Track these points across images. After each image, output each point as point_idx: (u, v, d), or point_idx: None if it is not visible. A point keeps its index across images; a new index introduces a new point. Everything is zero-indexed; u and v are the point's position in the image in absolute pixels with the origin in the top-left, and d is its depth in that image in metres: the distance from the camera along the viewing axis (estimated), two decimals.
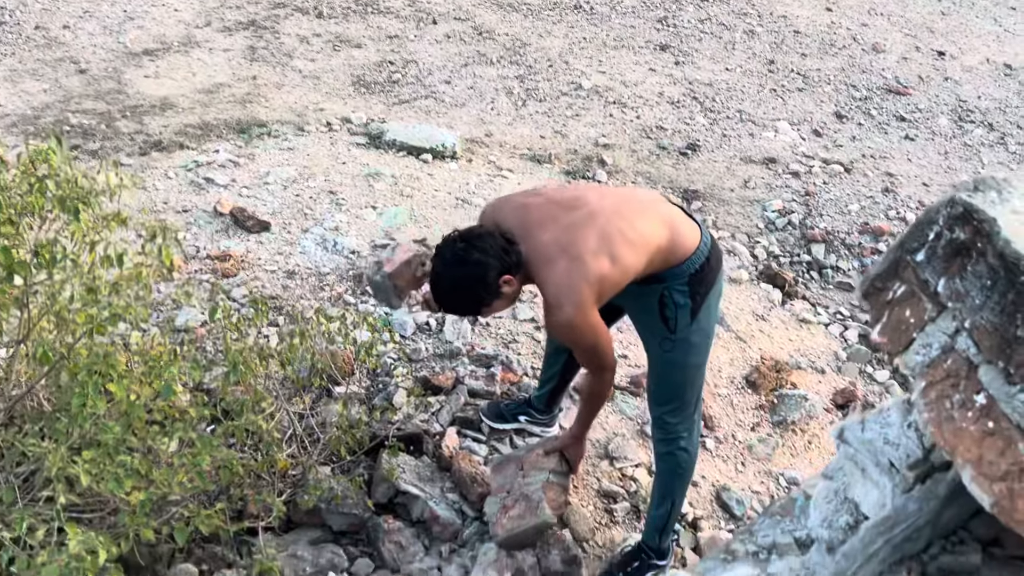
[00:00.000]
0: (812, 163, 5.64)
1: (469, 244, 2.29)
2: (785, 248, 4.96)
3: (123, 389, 2.24)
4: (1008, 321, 1.07)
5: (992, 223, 1.08)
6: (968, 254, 1.11)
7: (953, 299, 1.13)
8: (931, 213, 1.16)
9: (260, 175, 4.73)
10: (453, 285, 2.33)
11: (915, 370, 1.20)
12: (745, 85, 6.44)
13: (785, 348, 4.17)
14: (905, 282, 1.20)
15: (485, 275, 2.27)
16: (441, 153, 5.30)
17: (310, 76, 5.97)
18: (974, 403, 1.12)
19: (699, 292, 2.44)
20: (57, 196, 2.44)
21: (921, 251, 1.17)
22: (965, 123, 6.26)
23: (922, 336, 1.18)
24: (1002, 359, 1.08)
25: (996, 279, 1.08)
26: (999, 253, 1.07)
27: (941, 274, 1.14)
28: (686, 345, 2.49)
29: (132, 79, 5.64)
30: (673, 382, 2.58)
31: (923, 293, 1.17)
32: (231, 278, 3.91)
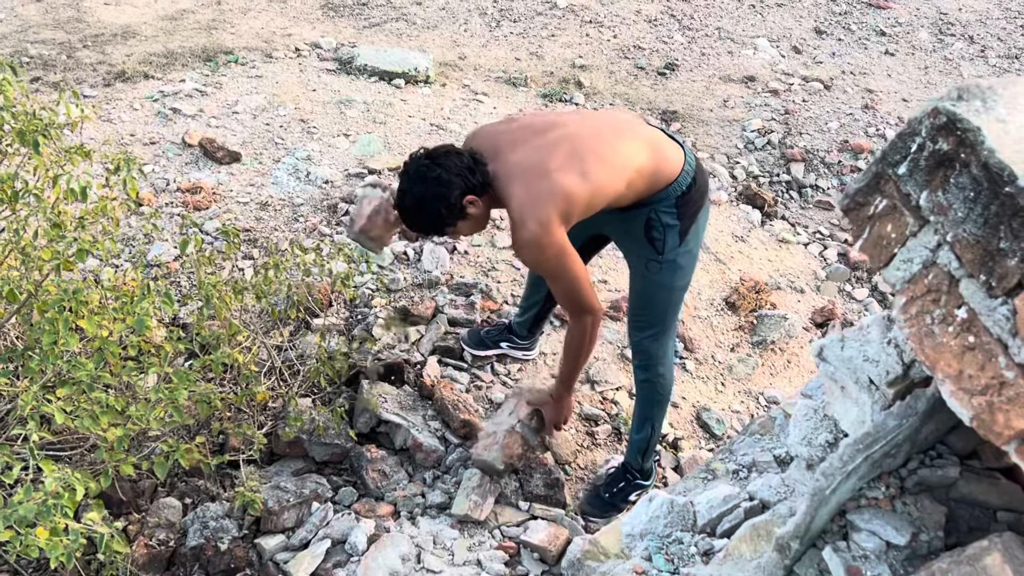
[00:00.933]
0: (791, 81, 5.56)
1: (433, 161, 2.26)
2: (765, 168, 4.92)
3: (95, 325, 2.20)
4: (991, 233, 1.04)
5: (976, 132, 1.05)
6: (951, 165, 1.08)
7: (935, 212, 1.11)
8: (913, 124, 1.12)
9: (228, 104, 4.61)
10: (416, 203, 2.29)
11: (896, 286, 1.18)
12: (723, 2, 6.30)
13: (764, 269, 4.17)
14: (887, 196, 1.17)
15: (448, 193, 2.24)
16: (414, 77, 5.17)
17: (277, 0, 5.77)
18: (955, 317, 1.10)
19: (687, 213, 2.41)
20: (15, 129, 2.36)
21: (903, 164, 1.14)
22: (945, 36, 6.17)
23: (903, 251, 1.16)
24: (984, 272, 1.06)
25: (980, 190, 1.05)
26: (983, 163, 1.04)
27: (923, 187, 1.12)
28: (672, 267, 2.47)
29: (91, 6, 5.43)
30: (657, 305, 2.55)
31: (905, 207, 1.15)
32: (203, 211, 3.84)
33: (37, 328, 2.20)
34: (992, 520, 1.32)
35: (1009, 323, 1.04)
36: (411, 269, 3.69)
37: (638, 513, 1.81)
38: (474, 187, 2.28)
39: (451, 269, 3.72)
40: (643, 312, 2.60)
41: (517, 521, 2.70)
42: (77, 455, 2.39)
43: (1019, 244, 1.01)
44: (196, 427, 2.68)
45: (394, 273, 3.63)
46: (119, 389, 2.43)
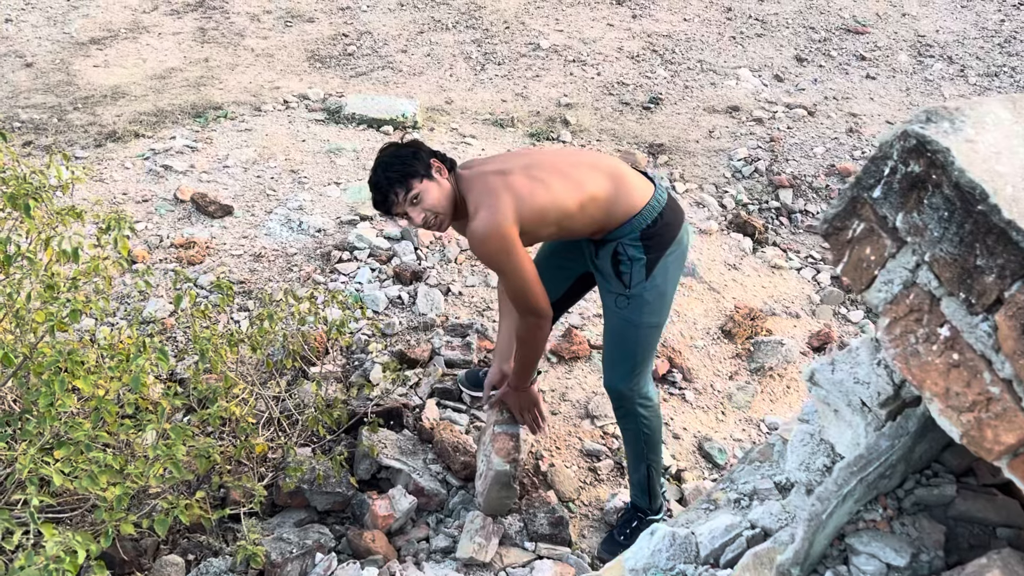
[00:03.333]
0: (775, 109, 5.63)
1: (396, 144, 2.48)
2: (753, 196, 4.96)
3: (91, 385, 2.20)
4: (967, 251, 1.06)
5: (946, 153, 1.07)
6: (924, 187, 1.10)
7: (912, 233, 1.12)
8: (885, 148, 1.14)
9: (219, 159, 4.65)
10: (385, 166, 2.40)
11: (878, 307, 1.19)
12: (704, 35, 6.40)
13: (758, 295, 4.19)
14: (864, 220, 1.19)
15: (417, 151, 2.41)
16: (402, 124, 5.23)
17: (263, 54, 5.85)
18: (938, 336, 1.11)
19: (653, 247, 2.43)
20: (6, 194, 2.38)
21: (877, 187, 1.16)
22: (925, 58, 6.26)
23: (883, 273, 1.17)
24: (963, 290, 1.07)
25: (953, 210, 1.07)
26: (955, 183, 1.06)
27: (898, 209, 1.13)
28: (640, 302, 2.48)
29: (81, 69, 5.51)
30: (627, 342, 2.56)
31: (882, 230, 1.16)
32: (197, 265, 3.86)
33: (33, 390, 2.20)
34: (992, 536, 1.32)
35: (991, 339, 1.05)
36: (406, 312, 3.70)
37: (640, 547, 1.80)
38: (441, 158, 2.44)
39: (446, 311, 3.74)
40: (614, 349, 2.60)
41: (523, 561, 2.68)
42: (77, 516, 2.38)
43: (995, 261, 1.03)
44: (196, 482, 2.67)
45: (389, 317, 3.64)
46: (117, 447, 2.42)
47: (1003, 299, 1.03)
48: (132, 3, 6.22)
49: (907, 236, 1.13)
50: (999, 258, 1.02)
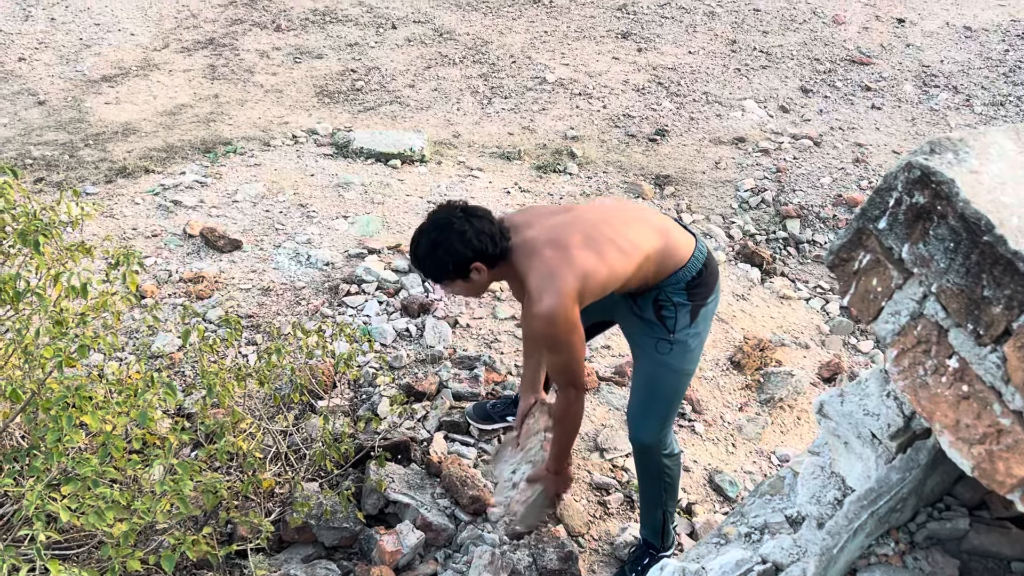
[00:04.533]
0: (781, 139, 5.65)
1: (466, 216, 2.32)
2: (760, 226, 4.96)
3: (98, 420, 2.20)
4: (974, 282, 1.05)
5: (951, 184, 1.07)
6: (929, 218, 1.10)
7: (918, 264, 1.12)
8: (889, 180, 1.14)
9: (228, 194, 4.68)
10: (431, 247, 2.32)
11: (886, 338, 1.19)
12: (709, 67, 6.45)
13: (767, 326, 4.17)
14: (869, 251, 1.19)
15: (463, 252, 2.29)
16: (410, 157, 5.27)
17: (272, 90, 5.91)
18: (947, 367, 1.11)
19: (697, 296, 2.43)
20: (17, 231, 2.40)
21: (883, 219, 1.16)
22: (930, 88, 6.29)
23: (890, 304, 1.17)
24: (971, 321, 1.06)
25: (959, 241, 1.06)
26: (960, 214, 1.06)
27: (904, 240, 1.13)
28: (683, 348, 2.46)
29: (93, 107, 5.57)
30: (663, 389, 2.52)
31: (888, 261, 1.16)
32: (205, 300, 3.87)
33: (41, 426, 2.20)
34: (1007, 571, 1.30)
35: (1000, 370, 1.04)
36: (414, 345, 3.70)
37: None
38: (488, 257, 2.32)
39: (454, 343, 3.73)
40: (647, 399, 2.56)
41: None
42: (84, 552, 2.36)
43: (1002, 291, 1.02)
44: (203, 518, 2.66)
45: (397, 350, 3.64)
46: (124, 483, 2.42)
47: (1011, 330, 1.02)
48: (144, 41, 6.31)
49: (913, 267, 1.13)
50: (1006, 288, 1.02)
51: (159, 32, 6.44)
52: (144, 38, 6.36)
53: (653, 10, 7.13)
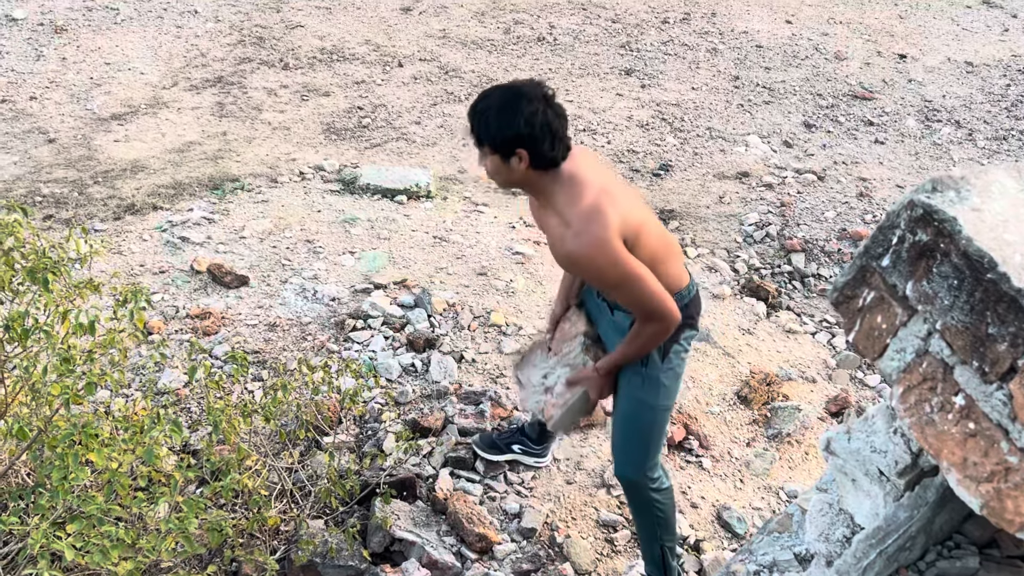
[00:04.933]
0: (785, 174, 5.68)
1: (547, 102, 2.22)
2: (765, 260, 4.97)
3: (104, 458, 2.20)
4: (978, 319, 1.06)
5: (953, 223, 1.08)
6: (932, 255, 1.10)
7: (922, 302, 1.12)
8: (892, 217, 1.15)
9: (236, 230, 4.71)
10: (497, 105, 2.22)
11: (892, 376, 1.19)
12: (712, 102, 6.50)
13: (774, 360, 4.16)
14: (874, 288, 1.19)
15: (520, 129, 2.18)
16: (416, 193, 5.30)
17: (280, 127, 5.97)
18: (953, 405, 1.10)
19: (676, 331, 2.42)
20: (26, 268, 2.42)
21: (886, 256, 1.16)
22: (932, 123, 6.32)
23: (895, 341, 1.17)
24: (976, 358, 1.07)
25: (962, 278, 1.07)
26: (963, 252, 1.06)
27: (908, 278, 1.14)
28: (656, 384, 2.48)
29: (102, 144, 5.63)
30: (641, 425, 2.54)
31: (892, 298, 1.17)
32: (212, 336, 3.88)
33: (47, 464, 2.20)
34: None
35: (1007, 408, 1.04)
36: (419, 380, 3.70)
37: None
38: (538, 152, 2.22)
39: (459, 378, 3.73)
40: (627, 435, 2.58)
41: None
42: None
43: (1006, 329, 1.02)
44: (208, 556, 2.64)
45: (402, 386, 3.64)
46: (129, 521, 2.41)
47: (1017, 367, 1.02)
48: (153, 80, 6.39)
49: (917, 304, 1.13)
50: (1011, 326, 1.02)
51: (168, 71, 6.53)
52: (154, 76, 6.44)
53: (656, 47, 7.20)
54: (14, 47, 6.56)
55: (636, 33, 7.38)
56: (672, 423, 3.60)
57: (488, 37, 7.23)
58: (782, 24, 7.62)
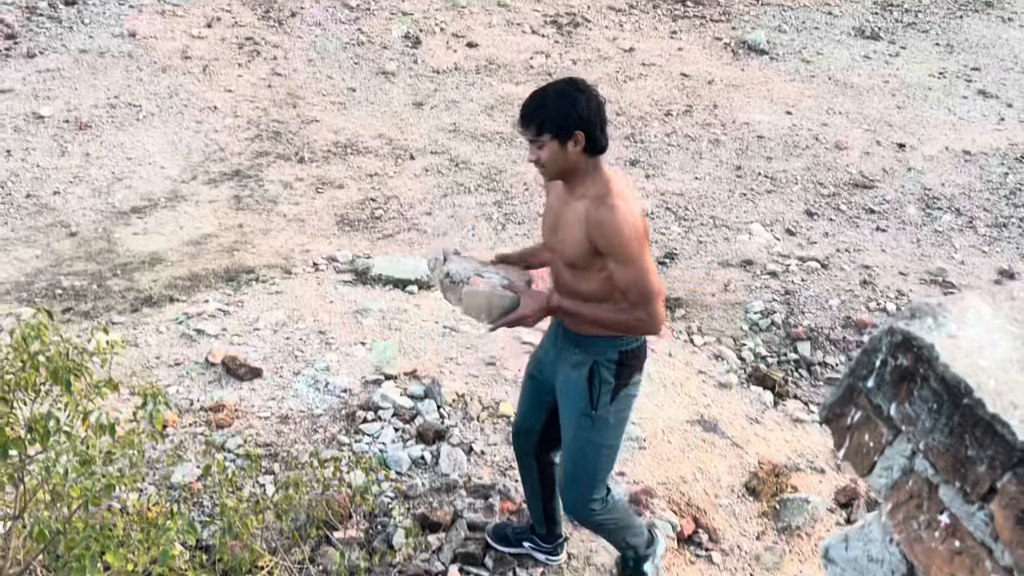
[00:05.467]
0: (788, 262, 5.77)
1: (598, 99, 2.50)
2: (772, 348, 5.03)
3: (120, 559, 2.24)
4: (958, 442, 1.12)
5: (931, 349, 1.15)
6: (913, 379, 1.17)
7: (906, 423, 1.19)
8: (875, 342, 1.22)
9: (250, 321, 4.82)
10: (562, 93, 2.46)
11: (881, 492, 1.24)
12: (715, 192, 6.65)
13: (782, 450, 4.18)
14: (860, 408, 1.25)
15: (584, 114, 2.43)
16: (427, 283, 5.41)
17: (295, 219, 6.14)
18: (939, 523, 1.16)
19: (623, 375, 2.67)
20: (50, 369, 2.50)
21: (871, 378, 1.23)
22: (933, 210, 6.44)
23: (882, 459, 1.23)
24: (958, 478, 1.12)
25: (941, 402, 1.13)
26: (940, 377, 1.13)
27: (891, 399, 1.20)
28: (603, 424, 2.71)
29: (122, 237, 5.80)
30: (588, 463, 2.77)
31: (878, 418, 1.23)
32: (225, 428, 3.93)
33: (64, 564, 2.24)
34: None
35: (989, 527, 1.09)
36: (429, 473, 3.73)
37: None
38: (592, 137, 2.46)
39: (468, 470, 3.76)
40: (575, 473, 2.80)
41: None
42: None
43: (985, 452, 1.08)
44: None
45: (412, 479, 3.67)
46: None
47: (996, 489, 1.08)
48: (172, 174, 6.61)
49: (902, 425, 1.19)
50: (988, 449, 1.08)
51: (188, 165, 6.75)
52: (173, 171, 6.65)
53: (660, 138, 7.41)
54: (40, 143, 6.81)
55: (640, 125, 7.61)
56: (680, 516, 3.62)
57: (497, 130, 7.46)
58: (782, 115, 7.84)
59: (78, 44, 8.21)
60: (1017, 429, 1.06)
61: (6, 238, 5.74)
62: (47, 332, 2.60)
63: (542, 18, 9.50)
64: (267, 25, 8.88)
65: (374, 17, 9.15)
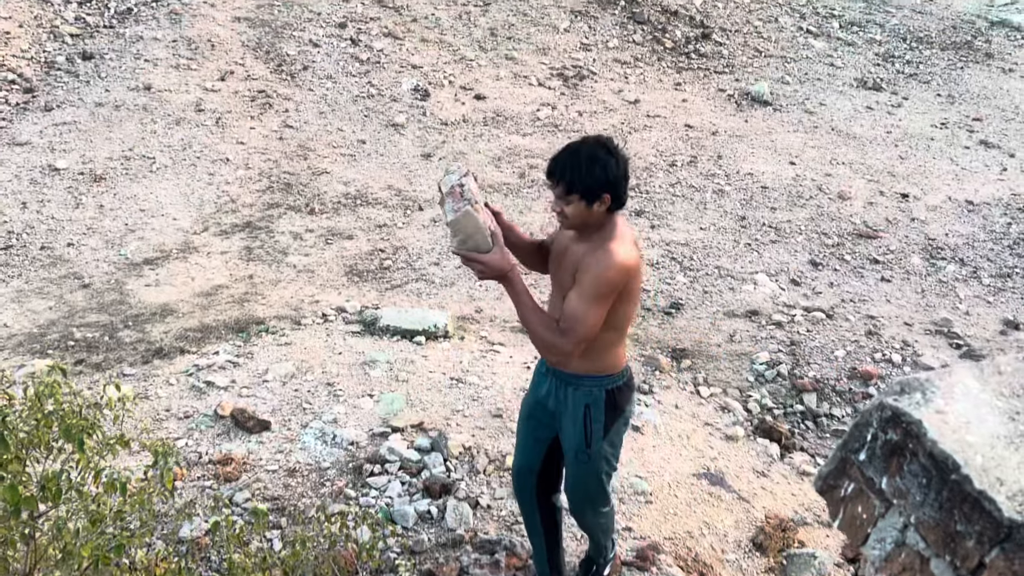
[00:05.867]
0: (794, 312, 5.81)
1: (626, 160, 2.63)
2: (777, 400, 5.04)
3: None
4: (947, 516, 1.15)
5: (919, 425, 1.19)
6: (903, 454, 1.21)
7: (897, 496, 1.22)
8: (866, 416, 1.26)
9: (259, 373, 4.86)
10: (594, 155, 2.57)
11: (875, 563, 1.27)
12: (720, 242, 6.71)
13: (789, 504, 4.17)
14: (853, 480, 1.29)
15: (613, 177, 2.56)
16: (434, 334, 5.46)
17: (304, 270, 6.22)
18: None
19: (612, 414, 2.86)
20: (63, 428, 2.55)
21: (862, 451, 1.27)
22: (937, 260, 6.48)
23: (876, 531, 1.26)
24: (948, 552, 1.15)
25: (930, 477, 1.17)
26: (929, 453, 1.17)
27: (883, 473, 1.24)
28: (599, 458, 2.91)
29: (133, 289, 5.88)
30: (588, 489, 3.01)
31: (870, 491, 1.26)
32: (233, 482, 3.96)
33: None
34: None
35: None
36: (435, 528, 3.73)
37: None
38: (616, 196, 2.59)
39: (475, 525, 3.76)
40: (578, 491, 3.02)
41: None
42: None
43: (973, 527, 1.12)
44: None
45: (418, 534, 3.67)
46: None
47: (985, 563, 1.11)
48: (184, 225, 6.71)
49: (893, 498, 1.23)
50: (976, 524, 1.12)
51: (199, 216, 6.86)
52: (185, 222, 6.76)
53: (664, 189, 7.50)
54: (55, 195, 6.93)
55: (645, 176, 7.70)
56: (688, 572, 3.61)
57: (504, 181, 7.56)
58: (786, 166, 7.93)
59: (94, 97, 8.39)
60: (1003, 506, 1.09)
61: (20, 290, 5.83)
62: (60, 390, 2.65)
63: (548, 71, 9.67)
64: (279, 78, 9.07)
65: (384, 70, 9.33)
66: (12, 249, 6.25)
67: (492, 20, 10.44)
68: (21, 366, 4.88)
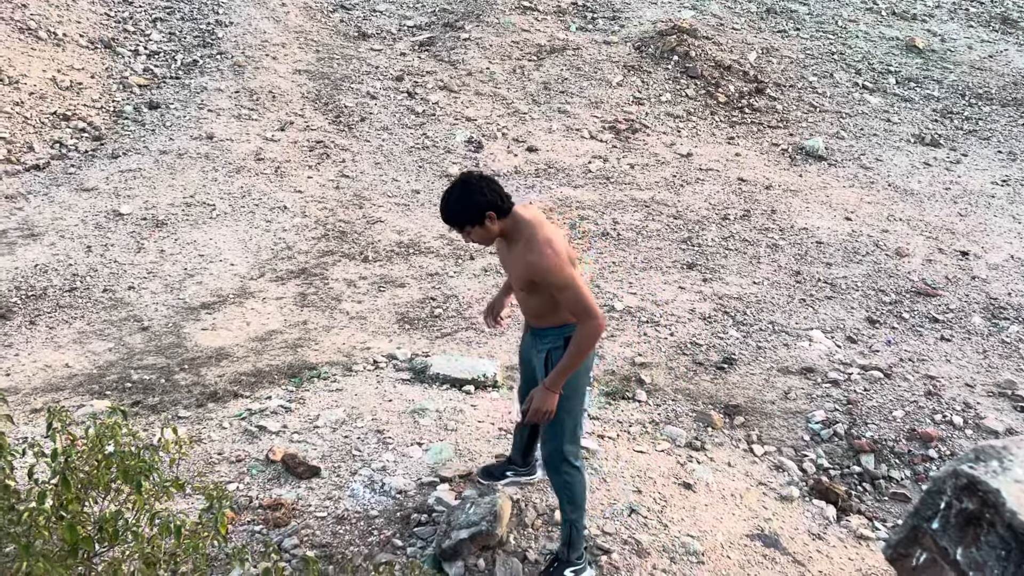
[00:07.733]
0: (850, 370, 5.68)
1: (482, 179, 3.25)
2: (834, 460, 4.91)
3: None
4: None
5: (996, 494, 1.14)
6: (980, 524, 1.16)
7: (973, 568, 1.17)
8: (938, 483, 1.22)
9: (310, 419, 4.90)
10: (460, 196, 3.19)
11: None
12: (774, 297, 6.63)
13: (846, 569, 4.04)
14: (926, 549, 1.25)
15: (482, 201, 3.19)
16: (483, 383, 5.45)
17: (357, 317, 6.28)
18: None
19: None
20: (121, 469, 2.59)
21: (936, 519, 1.23)
22: (999, 320, 6.31)
23: None
24: None
25: (1010, 549, 1.12)
26: (1007, 524, 1.12)
27: (958, 543, 1.19)
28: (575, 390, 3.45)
29: (191, 332, 5.99)
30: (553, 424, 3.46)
31: (944, 561, 1.22)
32: (282, 528, 3.97)
33: None
34: None
35: None
36: None
37: None
38: (499, 208, 3.23)
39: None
40: (553, 428, 3.48)
41: None
42: None
43: None
44: None
45: None
46: None
47: None
48: (241, 271, 6.85)
49: (969, 570, 1.18)
50: None
51: (256, 263, 7.00)
52: (242, 268, 6.90)
53: (717, 242, 7.46)
54: (118, 240, 7.14)
55: (697, 229, 7.68)
56: None
57: None
58: (842, 221, 7.84)
59: (159, 145, 8.68)
60: None
61: (82, 331, 5.99)
62: (120, 432, 2.70)
63: (600, 124, 9.76)
64: (337, 129, 9.29)
65: (439, 123, 9.51)
66: (76, 291, 6.44)
67: (545, 74, 10.60)
68: (81, 406, 4.98)
